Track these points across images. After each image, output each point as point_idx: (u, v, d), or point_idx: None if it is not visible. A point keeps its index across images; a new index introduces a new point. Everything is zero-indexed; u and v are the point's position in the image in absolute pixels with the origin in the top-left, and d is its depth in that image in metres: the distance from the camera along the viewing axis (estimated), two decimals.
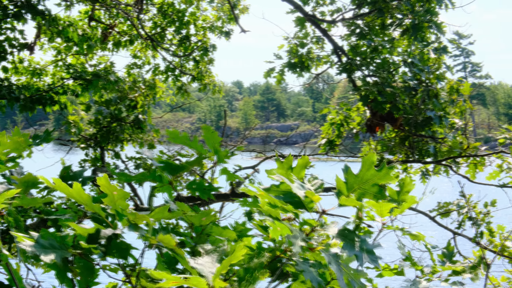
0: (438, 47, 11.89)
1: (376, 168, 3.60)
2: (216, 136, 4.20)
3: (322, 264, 3.67)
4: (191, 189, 4.25)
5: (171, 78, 18.67)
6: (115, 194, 3.24)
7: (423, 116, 11.45)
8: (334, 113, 13.39)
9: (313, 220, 3.67)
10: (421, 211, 12.49)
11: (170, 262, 3.64)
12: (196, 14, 18.22)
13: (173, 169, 4.17)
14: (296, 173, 3.76)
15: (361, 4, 12.22)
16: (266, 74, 13.45)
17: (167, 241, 3.17)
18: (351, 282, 3.54)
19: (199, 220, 3.73)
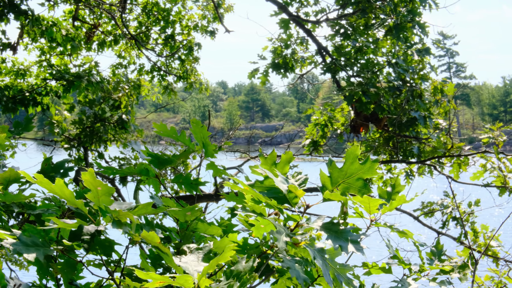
0: (422, 48, 11.91)
1: (360, 162, 3.59)
2: (205, 130, 4.19)
3: (309, 261, 3.66)
4: (178, 183, 4.23)
5: (156, 78, 18.64)
6: (99, 190, 3.22)
7: (408, 116, 11.47)
8: (318, 113, 13.39)
9: (298, 215, 3.66)
10: (405, 211, 12.53)
11: (155, 259, 3.62)
12: (181, 13, 18.19)
13: (160, 162, 4.16)
14: (280, 168, 3.75)
15: (345, 5, 12.23)
16: (251, 75, 13.44)
17: (151, 238, 3.15)
18: (337, 276, 3.54)
19: (183, 215, 3.71)
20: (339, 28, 12.19)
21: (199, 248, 3.37)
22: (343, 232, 3.49)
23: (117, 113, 14.33)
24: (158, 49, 18.45)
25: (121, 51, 18.53)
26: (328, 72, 11.97)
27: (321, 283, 3.99)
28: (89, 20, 17.33)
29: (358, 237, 3.47)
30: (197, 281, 2.87)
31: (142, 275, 2.73)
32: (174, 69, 18.72)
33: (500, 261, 12.45)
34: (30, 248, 3.14)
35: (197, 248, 3.37)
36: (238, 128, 16.43)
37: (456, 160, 12.18)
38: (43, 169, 4.35)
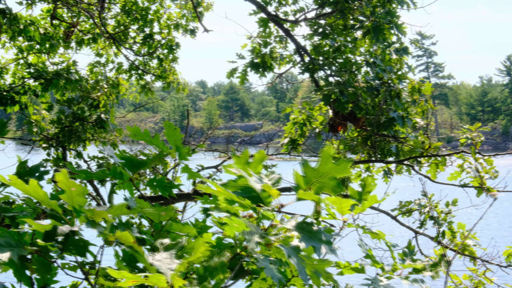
0: (399, 47, 11.95)
1: (334, 161, 3.59)
2: (178, 133, 4.18)
3: (283, 261, 3.66)
4: (152, 186, 4.22)
5: (134, 77, 18.58)
6: (73, 190, 3.20)
7: (386, 116, 11.50)
8: (297, 112, 13.40)
9: (271, 215, 3.65)
10: (382, 211, 12.55)
11: (130, 260, 3.60)
12: (160, 11, 18.15)
13: (134, 165, 4.15)
14: (253, 167, 3.74)
15: (324, 4, 12.24)
16: (229, 74, 13.43)
17: (125, 238, 3.13)
18: (315, 273, 3.54)
19: (158, 216, 3.70)
20: (317, 28, 12.20)
21: (172, 244, 3.35)
22: (316, 233, 3.48)
23: (96, 112, 14.27)
24: (136, 47, 18.39)
25: (99, 50, 18.46)
26: (306, 72, 11.98)
27: (295, 283, 3.99)
28: (68, 19, 17.25)
29: (331, 238, 3.47)
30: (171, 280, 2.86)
31: (115, 274, 2.72)
32: (152, 68, 18.68)
33: (477, 260, 12.52)
34: (4, 248, 3.12)
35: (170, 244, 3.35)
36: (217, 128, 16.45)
37: (434, 160, 12.22)
38: (18, 172, 4.32)
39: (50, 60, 16.71)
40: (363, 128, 12.13)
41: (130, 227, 3.54)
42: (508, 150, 12.15)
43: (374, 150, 12.15)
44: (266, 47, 13.40)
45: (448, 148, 12.34)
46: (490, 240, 15.03)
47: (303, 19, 12.77)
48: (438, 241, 12.60)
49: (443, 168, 12.28)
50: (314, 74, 12.08)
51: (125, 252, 3.59)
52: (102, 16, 17.15)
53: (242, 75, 13.21)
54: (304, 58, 12.89)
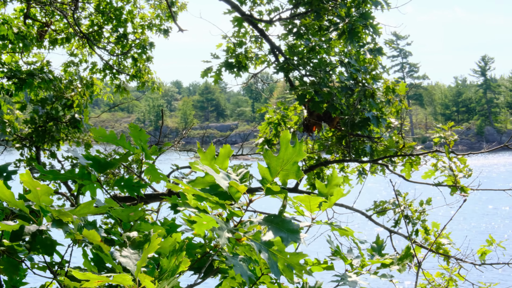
0: (374, 48, 11.97)
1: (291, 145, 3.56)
2: (143, 134, 4.17)
3: (253, 259, 3.65)
4: (119, 186, 4.20)
5: (109, 77, 18.51)
6: (38, 190, 3.17)
7: (360, 116, 11.52)
8: (272, 112, 13.41)
9: (240, 211, 3.64)
10: (357, 210, 12.58)
11: (99, 260, 3.58)
12: (134, 11, 18.09)
13: (101, 166, 4.12)
14: (220, 163, 3.72)
15: (298, 4, 12.24)
16: (203, 74, 13.38)
17: (92, 237, 3.11)
18: (288, 266, 3.54)
19: (127, 216, 3.69)
20: (292, 28, 12.20)
21: (139, 240, 3.33)
22: (284, 223, 3.47)
23: (69, 112, 14.19)
24: (110, 47, 18.32)
25: (73, 49, 18.37)
26: (281, 71, 11.97)
27: (265, 281, 3.98)
28: (41, 18, 17.15)
29: (298, 227, 3.46)
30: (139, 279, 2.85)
31: (79, 275, 2.69)
32: (127, 68, 18.61)
33: (451, 259, 12.59)
34: None
35: (137, 239, 3.33)
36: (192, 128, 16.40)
37: (408, 159, 12.27)
38: None
39: (23, 60, 16.60)
40: (337, 128, 12.15)
41: (97, 227, 3.51)
42: (482, 149, 12.20)
43: (348, 150, 12.17)
44: (241, 47, 13.39)
45: (421, 147, 12.38)
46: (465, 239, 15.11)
47: (277, 19, 12.77)
48: (412, 240, 12.66)
49: (417, 167, 12.33)
50: (289, 74, 12.08)
51: (94, 252, 3.57)
52: (76, 15, 17.05)
53: (216, 74, 13.18)
54: (279, 58, 12.88)
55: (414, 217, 12.70)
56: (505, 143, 11.74)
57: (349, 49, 12.05)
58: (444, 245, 12.62)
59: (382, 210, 12.97)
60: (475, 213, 47.43)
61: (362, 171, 13.66)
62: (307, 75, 11.85)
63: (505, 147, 11.82)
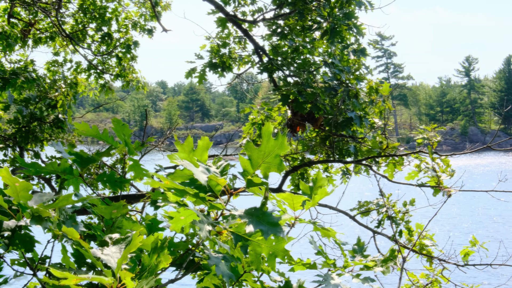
0: (358, 48, 11.99)
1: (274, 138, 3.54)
2: (126, 129, 4.15)
3: (235, 257, 3.64)
4: (102, 181, 4.18)
5: (93, 76, 18.46)
6: (17, 186, 3.15)
7: (344, 116, 11.52)
8: (256, 113, 13.39)
9: (220, 204, 3.62)
10: (341, 210, 12.59)
11: (80, 256, 3.56)
12: (118, 9, 18.04)
13: (83, 161, 4.10)
14: (199, 155, 3.69)
15: (282, 4, 12.24)
16: (187, 74, 13.36)
17: (71, 233, 3.10)
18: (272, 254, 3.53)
19: (109, 213, 3.67)
20: (276, 28, 12.20)
21: (121, 239, 3.32)
22: (264, 216, 3.45)
23: (53, 112, 14.15)
24: (94, 46, 18.27)
25: (56, 47, 18.31)
26: (265, 72, 11.96)
27: (247, 279, 3.97)
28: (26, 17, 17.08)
29: (278, 219, 3.45)
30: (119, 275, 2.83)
31: (57, 274, 2.68)
32: (111, 67, 18.56)
33: (434, 260, 12.62)
34: None
35: (119, 239, 3.32)
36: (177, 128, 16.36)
37: (391, 160, 12.28)
38: None
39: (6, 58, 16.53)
40: (321, 128, 12.15)
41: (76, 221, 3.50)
42: (465, 150, 12.24)
43: (332, 150, 12.17)
44: (224, 47, 13.38)
45: (404, 148, 12.40)
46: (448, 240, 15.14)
47: (261, 19, 12.76)
48: (395, 240, 12.68)
49: (400, 168, 12.34)
50: (273, 74, 12.07)
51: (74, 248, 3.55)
52: (60, 14, 17.00)
53: (201, 75, 13.16)
54: (263, 58, 12.88)
55: (397, 217, 12.72)
56: (487, 144, 11.77)
57: (333, 49, 12.06)
58: (427, 246, 12.65)
59: (366, 211, 12.98)
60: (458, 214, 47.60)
61: (346, 172, 13.68)
62: (291, 75, 11.85)
63: (488, 147, 11.86)
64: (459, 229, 41.11)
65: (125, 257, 2.89)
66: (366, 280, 4.43)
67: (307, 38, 12.09)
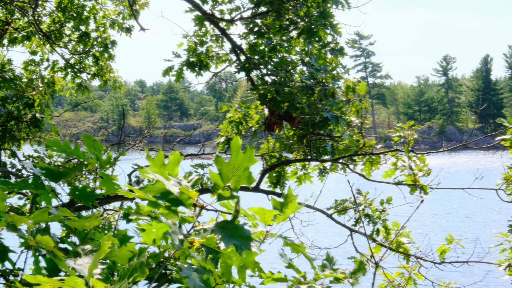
0: (335, 47, 12.02)
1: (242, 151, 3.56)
2: (97, 144, 4.15)
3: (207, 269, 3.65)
4: (74, 195, 4.18)
5: (70, 75, 18.39)
6: None
7: (320, 115, 11.54)
8: (233, 111, 13.40)
9: (191, 217, 3.64)
10: (318, 209, 12.62)
11: (53, 269, 3.55)
12: (96, 7, 17.98)
13: (55, 176, 4.09)
14: (170, 169, 3.71)
15: (259, 3, 12.26)
16: (165, 73, 13.34)
17: (46, 242, 3.10)
18: (243, 266, 3.55)
19: (82, 225, 3.67)
20: (253, 27, 12.21)
21: (93, 250, 3.33)
22: (236, 229, 3.48)
23: (31, 111, 14.09)
24: (71, 45, 18.20)
25: (33, 47, 18.22)
26: (242, 71, 11.97)
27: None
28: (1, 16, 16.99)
29: (250, 233, 3.47)
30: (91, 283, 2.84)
31: (30, 279, 2.68)
32: (88, 66, 18.50)
33: (411, 257, 12.69)
34: None
35: (91, 250, 3.33)
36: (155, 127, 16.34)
37: (368, 158, 12.33)
38: None
39: None
40: (298, 127, 12.18)
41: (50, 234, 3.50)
42: (441, 148, 12.31)
43: (309, 148, 12.20)
44: (202, 46, 13.38)
45: (381, 146, 12.45)
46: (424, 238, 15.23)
47: (239, 18, 12.77)
48: (372, 239, 12.74)
49: (377, 166, 12.39)
50: (250, 73, 12.08)
51: (47, 261, 3.54)
52: (37, 13, 16.93)
53: (178, 73, 13.14)
54: (240, 57, 12.89)
55: (374, 216, 12.78)
56: (463, 142, 11.86)
57: (310, 49, 12.08)
58: (404, 244, 12.72)
59: (343, 209, 13.03)
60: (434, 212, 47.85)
61: (323, 170, 13.72)
62: (268, 74, 11.86)
63: (464, 146, 11.94)
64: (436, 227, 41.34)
65: (96, 263, 2.90)
66: None
67: (284, 37, 12.12)
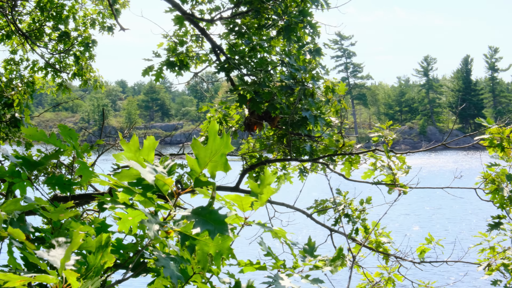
0: (314, 48, 12.04)
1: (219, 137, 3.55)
2: (73, 133, 4.14)
3: (185, 258, 3.65)
4: (51, 184, 4.17)
5: (50, 74, 18.32)
6: None
7: (299, 115, 11.56)
8: (213, 111, 13.39)
9: (168, 204, 3.62)
10: (298, 209, 12.63)
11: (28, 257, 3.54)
12: (75, 6, 17.92)
13: (31, 165, 4.08)
14: (145, 155, 3.68)
15: (239, 3, 12.26)
16: (144, 72, 13.30)
17: (17, 234, 3.09)
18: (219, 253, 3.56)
19: (57, 215, 3.65)
20: (233, 27, 12.21)
21: (67, 242, 3.32)
22: (211, 214, 3.46)
23: (10, 111, 14.05)
24: (52, 45, 18.14)
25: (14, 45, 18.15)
26: (222, 71, 11.95)
27: (196, 280, 3.99)
28: None
29: (225, 217, 3.47)
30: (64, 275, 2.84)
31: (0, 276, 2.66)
32: (69, 66, 18.45)
33: (390, 257, 12.74)
34: None
35: (65, 241, 3.32)
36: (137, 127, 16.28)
37: (348, 158, 12.35)
38: None
39: None
40: (278, 127, 12.19)
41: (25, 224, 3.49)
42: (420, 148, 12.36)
43: (289, 148, 12.21)
44: (182, 46, 13.35)
45: (360, 146, 12.48)
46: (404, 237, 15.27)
47: (218, 18, 12.77)
48: (352, 238, 12.78)
49: (357, 166, 12.42)
50: (230, 73, 12.08)
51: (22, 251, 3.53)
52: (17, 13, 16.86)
53: (158, 73, 13.11)
54: (220, 57, 12.88)
55: (354, 215, 12.82)
56: (442, 142, 11.91)
57: (289, 49, 12.10)
58: (383, 244, 12.76)
59: (323, 209, 13.05)
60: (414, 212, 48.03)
61: (303, 170, 13.74)
62: (248, 74, 11.86)
63: (444, 146, 11.99)
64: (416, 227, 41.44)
65: (68, 256, 2.89)
66: (315, 281, 4.46)
67: (264, 37, 12.12)
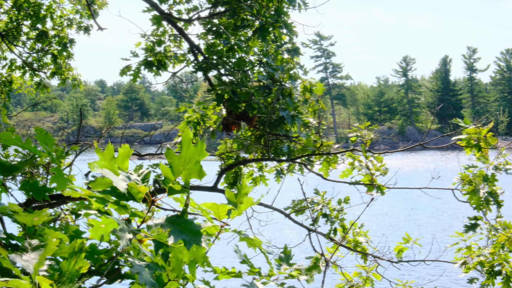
0: (292, 48, 12.05)
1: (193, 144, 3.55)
2: (49, 137, 4.11)
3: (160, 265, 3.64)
4: (25, 190, 4.15)
5: (28, 73, 18.24)
6: None
7: (277, 115, 11.56)
8: (191, 111, 13.36)
9: (142, 212, 3.61)
10: (276, 209, 12.63)
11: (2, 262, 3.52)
12: (53, 6, 17.84)
13: (6, 169, 4.05)
14: (120, 163, 3.67)
15: (217, 3, 12.25)
16: (122, 72, 13.25)
17: None
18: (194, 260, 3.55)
19: (31, 220, 3.63)
20: (211, 27, 12.19)
21: (40, 245, 3.30)
22: (186, 224, 3.47)
23: None
24: (29, 44, 18.05)
25: None
26: (200, 71, 11.93)
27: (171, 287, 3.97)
28: None
29: (200, 228, 3.47)
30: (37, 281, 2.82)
31: None
32: (47, 65, 18.37)
33: (368, 256, 12.77)
34: None
35: (38, 245, 3.29)
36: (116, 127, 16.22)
37: (325, 158, 12.37)
38: None
39: None
40: (256, 127, 12.18)
41: None
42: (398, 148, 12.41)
43: (267, 149, 12.21)
44: (160, 46, 13.31)
45: (338, 146, 12.51)
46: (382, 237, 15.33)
47: (196, 18, 12.74)
48: (330, 238, 12.79)
49: (335, 166, 12.45)
50: (208, 73, 12.07)
51: None
52: None
53: (135, 73, 13.06)
54: (198, 57, 12.86)
55: (332, 215, 12.83)
56: (420, 142, 11.95)
57: (267, 49, 12.10)
58: (361, 243, 12.79)
59: (300, 209, 13.05)
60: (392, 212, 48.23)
61: (280, 171, 13.74)
62: (226, 74, 11.86)
63: (422, 146, 12.04)
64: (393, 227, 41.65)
65: (42, 262, 2.87)
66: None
67: (242, 37, 12.12)
